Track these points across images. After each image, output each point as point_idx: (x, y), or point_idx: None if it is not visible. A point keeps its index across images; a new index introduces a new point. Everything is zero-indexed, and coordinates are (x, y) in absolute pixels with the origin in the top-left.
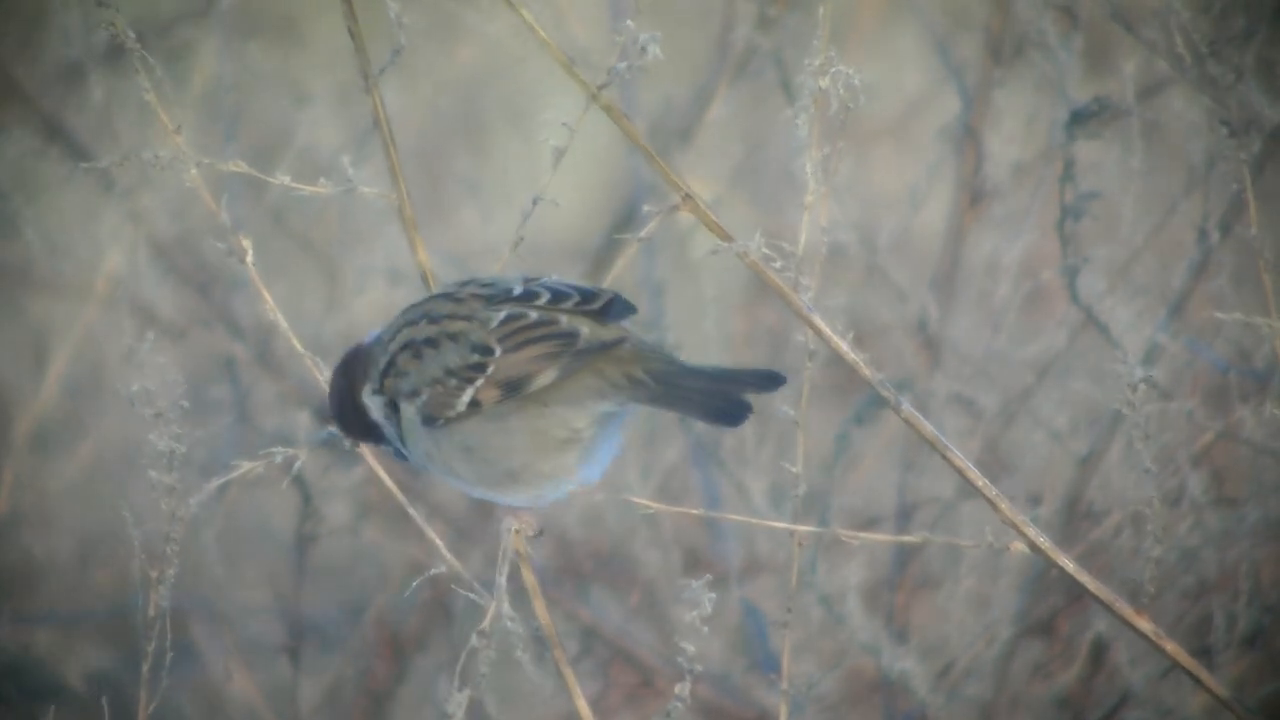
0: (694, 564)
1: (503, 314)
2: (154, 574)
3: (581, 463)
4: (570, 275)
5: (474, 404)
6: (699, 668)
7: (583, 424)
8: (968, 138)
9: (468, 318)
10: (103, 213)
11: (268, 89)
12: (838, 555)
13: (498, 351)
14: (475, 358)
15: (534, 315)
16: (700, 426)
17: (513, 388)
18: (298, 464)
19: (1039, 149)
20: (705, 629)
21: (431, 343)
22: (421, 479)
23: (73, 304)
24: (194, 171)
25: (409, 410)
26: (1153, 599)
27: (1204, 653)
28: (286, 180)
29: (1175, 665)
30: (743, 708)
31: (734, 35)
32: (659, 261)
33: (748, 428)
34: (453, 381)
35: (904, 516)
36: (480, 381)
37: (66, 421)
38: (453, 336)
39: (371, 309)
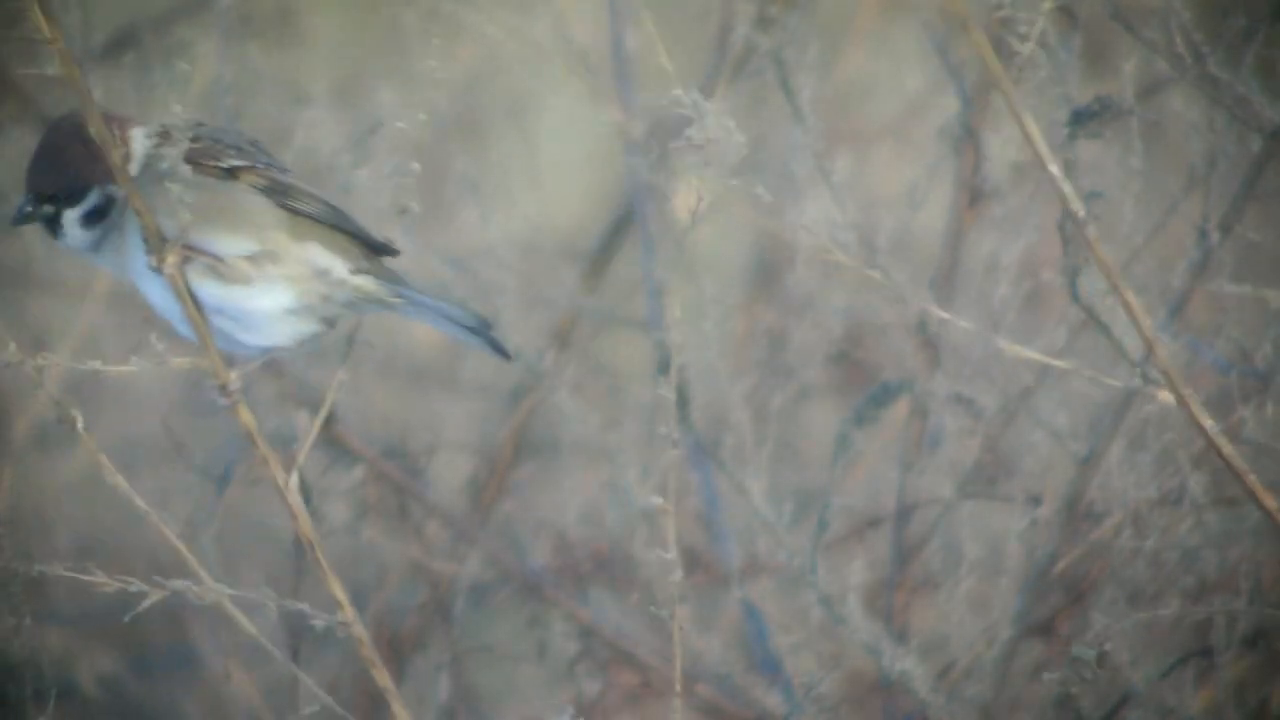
0: (694, 564)
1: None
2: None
3: (271, 288)
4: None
5: (232, 171)
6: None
7: (306, 264)
8: (967, 138)
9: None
10: None
11: (267, 89)
12: (837, 556)
13: (287, 172)
14: (259, 158)
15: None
16: (700, 426)
17: (280, 191)
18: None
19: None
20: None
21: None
22: (421, 480)
23: (72, 304)
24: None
25: (173, 152)
26: (1152, 599)
27: (1205, 653)
28: None
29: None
30: (742, 708)
31: (733, 35)
32: (657, 262)
33: (747, 427)
34: (231, 150)
35: (904, 517)
36: (254, 165)
37: (61, 424)
38: (253, 143)
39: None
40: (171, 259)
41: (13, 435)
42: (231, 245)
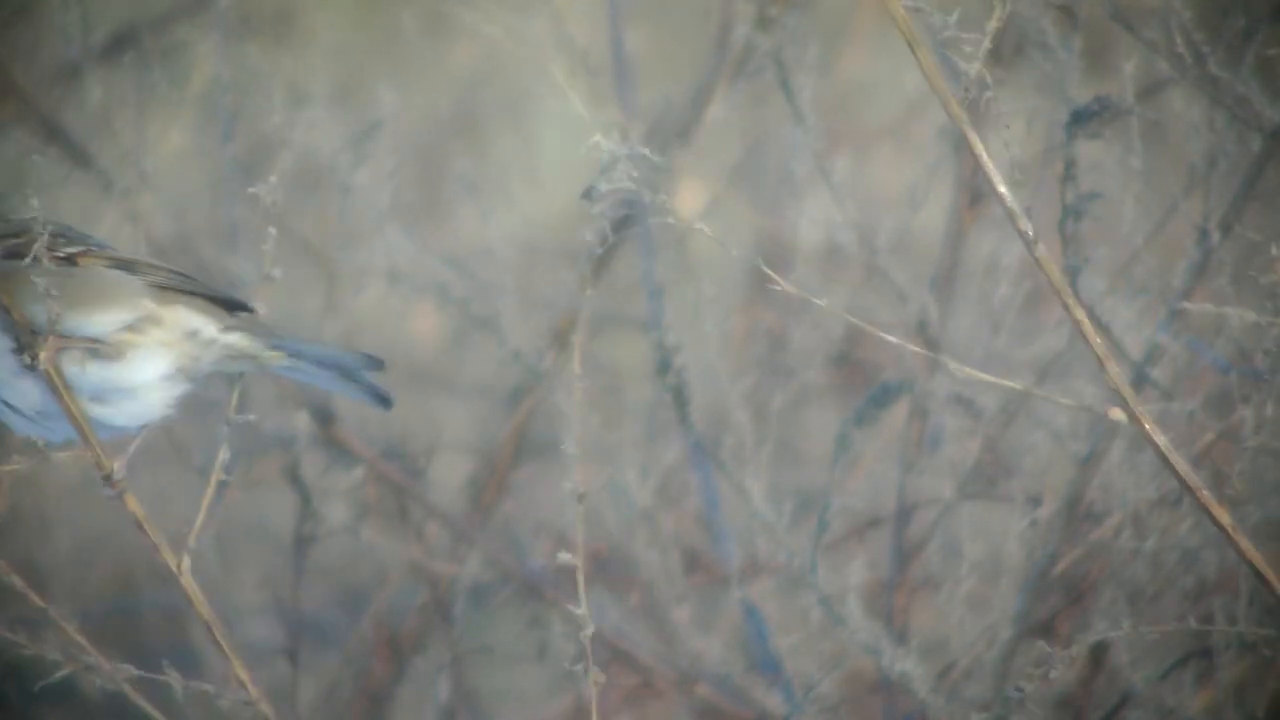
0: (693, 565)
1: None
2: None
3: (131, 369)
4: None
5: (70, 258)
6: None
7: (178, 326)
8: (964, 140)
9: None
10: (102, 213)
11: (266, 89)
12: (837, 556)
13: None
14: (85, 238)
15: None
16: (700, 425)
17: (125, 266)
18: None
19: (1039, 149)
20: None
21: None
22: (421, 481)
23: None
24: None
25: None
26: (1152, 600)
27: (1204, 654)
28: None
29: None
30: (742, 708)
31: (733, 35)
32: (657, 262)
33: (747, 428)
34: (60, 239)
35: (904, 517)
36: (87, 249)
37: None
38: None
39: (370, 309)
40: (45, 354)
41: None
42: (107, 321)
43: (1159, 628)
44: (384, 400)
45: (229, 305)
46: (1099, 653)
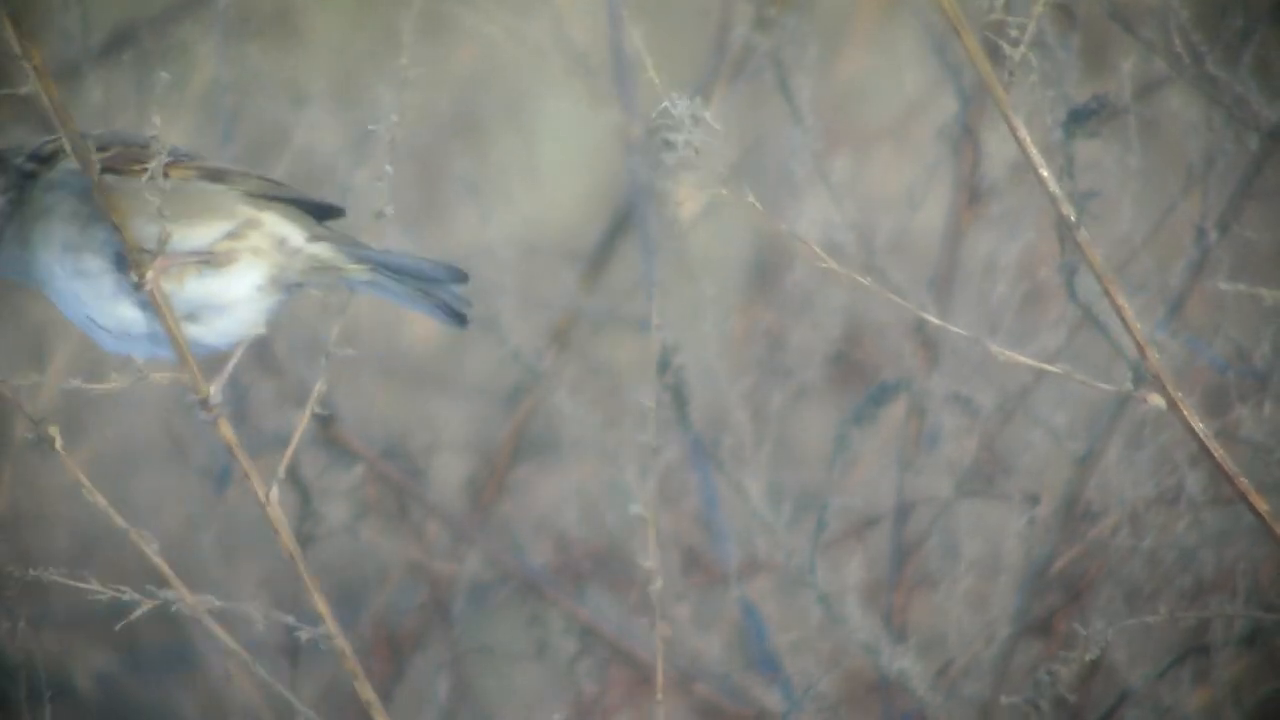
0: (692, 563)
1: None
2: None
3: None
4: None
5: (163, 170)
6: None
7: (271, 234)
8: (965, 137)
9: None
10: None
11: (265, 89)
12: (836, 555)
13: (206, 161)
14: (171, 150)
15: None
16: (699, 425)
17: (211, 176)
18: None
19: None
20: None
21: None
22: (420, 480)
23: None
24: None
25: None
26: (1150, 598)
27: (1202, 651)
28: None
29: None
30: (741, 707)
31: (731, 35)
32: (657, 261)
33: (746, 427)
34: (147, 151)
35: (902, 516)
36: (175, 159)
37: (66, 422)
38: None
39: (370, 308)
40: (153, 272)
41: (12, 435)
42: (211, 233)
43: (1165, 616)
44: (461, 317)
45: (319, 213)
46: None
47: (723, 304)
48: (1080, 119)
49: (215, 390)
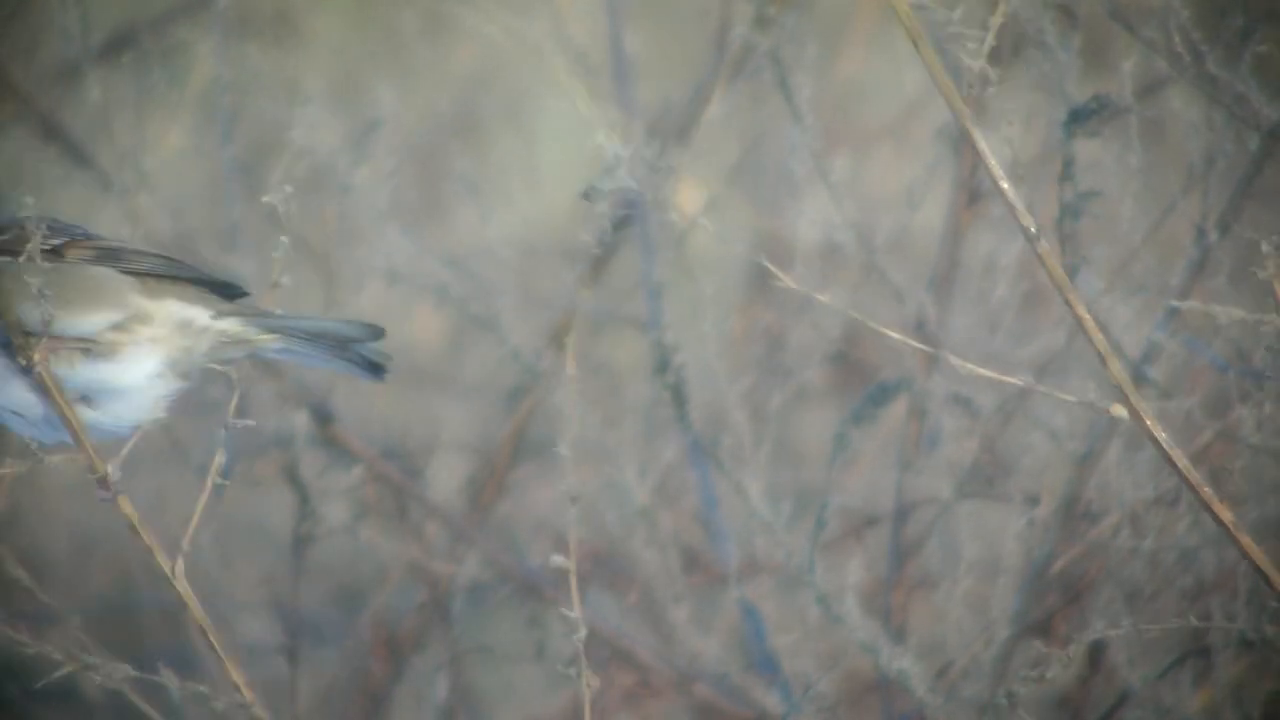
0: (692, 564)
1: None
2: None
3: (126, 364)
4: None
5: (58, 250)
6: None
7: (169, 320)
8: (965, 138)
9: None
10: (101, 212)
11: (265, 89)
12: (835, 555)
13: (105, 241)
14: (70, 230)
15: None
16: (699, 424)
17: (111, 257)
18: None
19: (1037, 148)
20: None
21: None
22: (420, 481)
23: None
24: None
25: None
26: (1150, 599)
27: (1203, 652)
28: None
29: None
30: (740, 707)
31: (731, 34)
32: (656, 262)
33: (746, 427)
34: (43, 230)
35: (902, 516)
36: (71, 238)
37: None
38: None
39: (370, 308)
40: (39, 354)
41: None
42: (96, 320)
43: (1158, 625)
44: (378, 370)
45: (221, 290)
46: (1097, 652)
47: (722, 304)
48: (1081, 119)
49: (113, 469)
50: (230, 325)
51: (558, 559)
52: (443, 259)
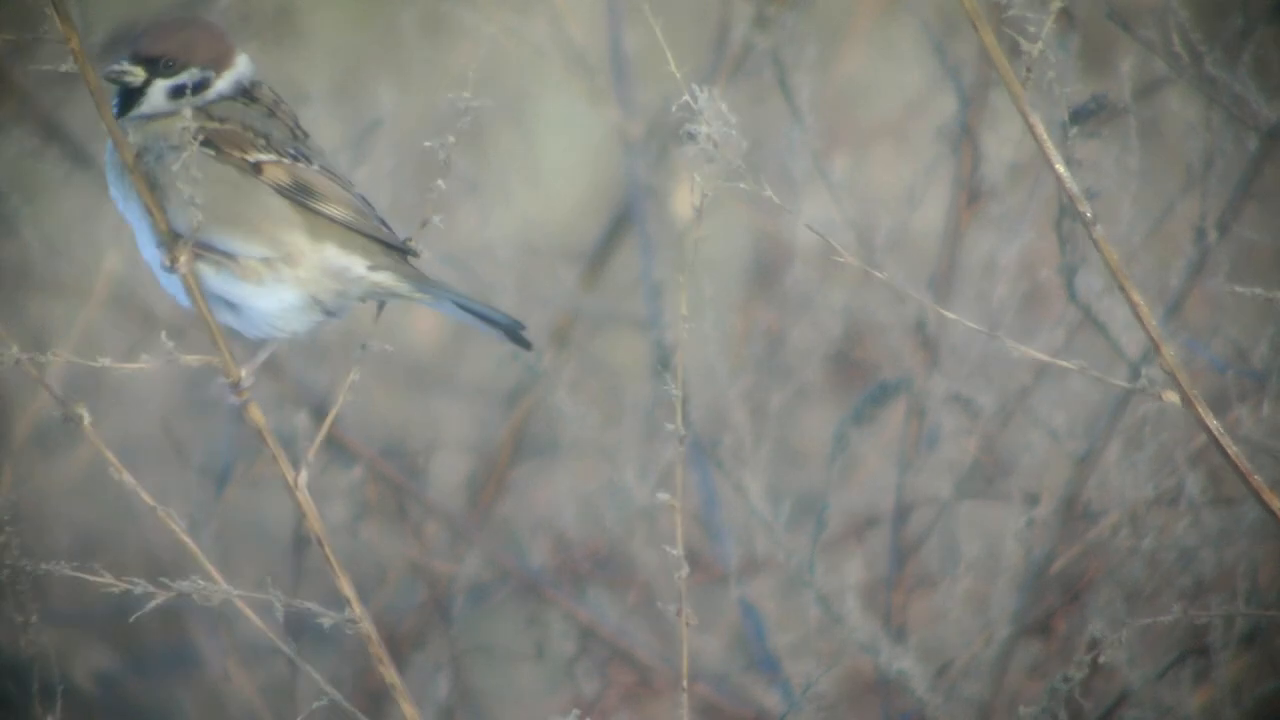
0: (692, 563)
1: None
2: None
3: (282, 284)
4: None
5: (257, 166)
6: None
7: (321, 265)
8: (965, 137)
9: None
10: (101, 213)
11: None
12: (835, 555)
13: (315, 166)
14: (293, 148)
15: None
16: (698, 425)
17: (301, 190)
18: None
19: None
20: None
21: (271, 113)
22: (420, 480)
23: (72, 304)
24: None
25: (195, 120)
26: (1150, 598)
27: (1202, 652)
28: None
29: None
30: (741, 706)
31: (731, 34)
32: (657, 261)
33: (746, 427)
34: (260, 140)
35: (902, 516)
36: (282, 160)
37: (66, 422)
38: (296, 127)
39: (370, 310)
40: (184, 258)
41: (14, 434)
42: (245, 247)
43: (1159, 618)
44: (523, 342)
45: (394, 247)
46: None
47: (722, 303)
48: (1080, 119)
49: (247, 374)
50: (385, 279)
51: (663, 495)
52: (443, 258)
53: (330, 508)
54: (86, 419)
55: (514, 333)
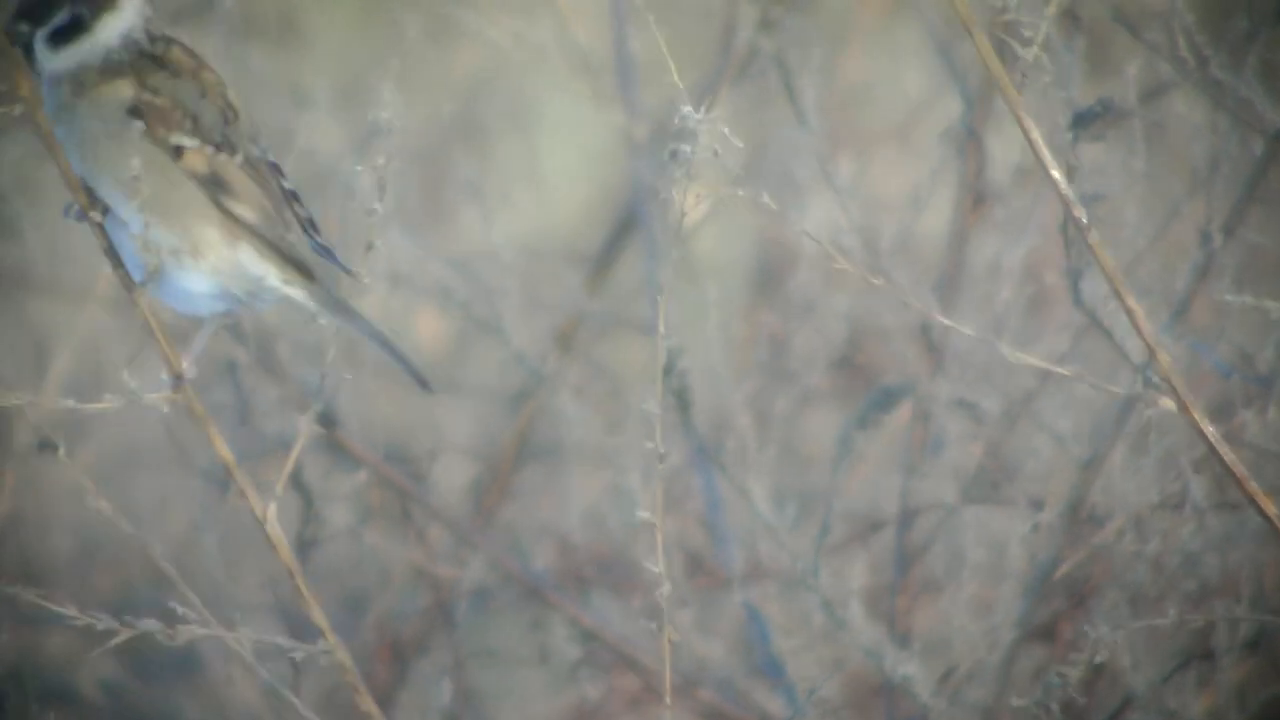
0: (696, 568)
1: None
2: None
3: (186, 266)
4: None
5: (178, 149)
6: None
7: (233, 264)
8: (970, 140)
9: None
10: None
11: (268, 91)
12: (840, 559)
13: (239, 157)
14: (220, 133)
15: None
16: (701, 427)
17: (215, 183)
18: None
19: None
20: None
21: (204, 92)
22: (423, 485)
23: (73, 306)
24: None
25: (121, 89)
26: (1154, 602)
27: (1207, 657)
28: None
29: None
30: (744, 711)
31: (736, 37)
32: (660, 264)
33: (750, 431)
34: (187, 122)
35: (907, 521)
36: (204, 147)
37: (69, 425)
38: (227, 107)
39: (371, 311)
40: (95, 214)
41: (13, 437)
42: (156, 233)
43: (1161, 620)
44: (424, 382)
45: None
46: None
47: (726, 307)
48: (1085, 122)
49: (188, 366)
50: (296, 294)
51: (642, 514)
52: (446, 262)
53: (333, 512)
54: (61, 451)
55: (419, 378)
